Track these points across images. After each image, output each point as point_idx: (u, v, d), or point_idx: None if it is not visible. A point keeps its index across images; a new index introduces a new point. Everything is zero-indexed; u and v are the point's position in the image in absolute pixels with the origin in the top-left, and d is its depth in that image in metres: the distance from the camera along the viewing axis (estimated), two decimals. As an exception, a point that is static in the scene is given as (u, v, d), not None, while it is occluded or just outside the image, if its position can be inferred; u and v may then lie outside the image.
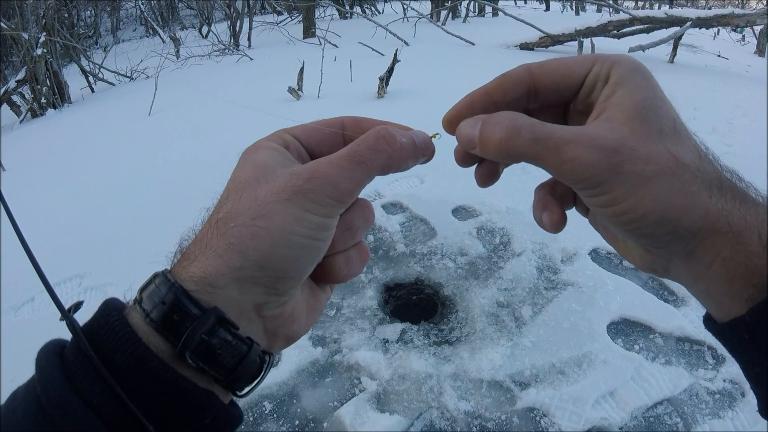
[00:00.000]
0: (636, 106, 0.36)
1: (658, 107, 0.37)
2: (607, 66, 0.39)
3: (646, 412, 1.91)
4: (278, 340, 0.39)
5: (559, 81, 0.41)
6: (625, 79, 0.38)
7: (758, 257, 0.33)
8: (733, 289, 0.35)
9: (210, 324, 0.33)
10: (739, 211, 0.35)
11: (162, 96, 5.74)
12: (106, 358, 0.32)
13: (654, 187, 0.34)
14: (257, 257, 0.34)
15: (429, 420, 1.90)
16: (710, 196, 0.35)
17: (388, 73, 5.35)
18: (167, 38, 11.40)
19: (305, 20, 11.01)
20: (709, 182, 0.35)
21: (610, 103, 0.37)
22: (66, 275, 2.67)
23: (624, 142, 0.35)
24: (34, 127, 5.97)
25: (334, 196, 0.36)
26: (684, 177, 0.35)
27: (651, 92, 0.38)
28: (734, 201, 0.35)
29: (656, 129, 0.36)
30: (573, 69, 0.40)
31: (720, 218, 0.34)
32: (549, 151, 0.36)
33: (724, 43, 10.89)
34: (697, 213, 0.34)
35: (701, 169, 0.35)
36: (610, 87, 0.38)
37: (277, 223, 0.35)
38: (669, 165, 0.35)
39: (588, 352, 2.12)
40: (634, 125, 0.36)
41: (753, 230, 0.34)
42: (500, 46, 8.29)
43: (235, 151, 0.47)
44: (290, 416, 1.93)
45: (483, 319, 2.32)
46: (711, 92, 5.71)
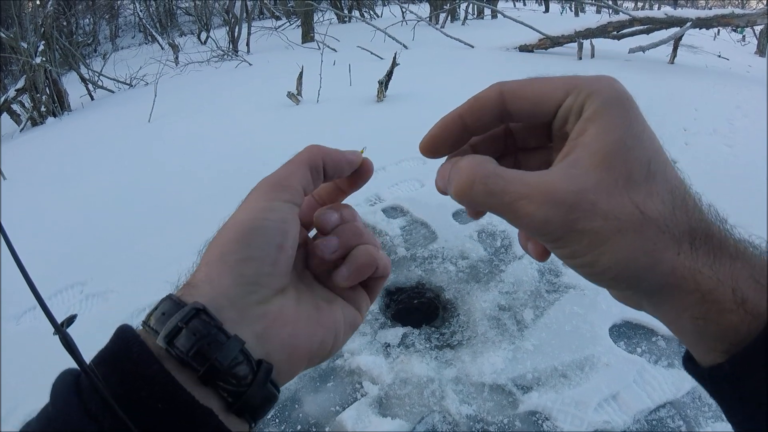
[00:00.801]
0: (604, 149, 0.34)
1: (631, 148, 0.34)
2: (582, 97, 0.36)
3: (648, 415, 1.90)
4: (274, 347, 0.37)
5: (531, 109, 0.38)
6: (599, 115, 0.35)
7: (733, 314, 0.32)
8: (704, 344, 0.34)
9: (185, 312, 0.33)
10: (711, 268, 0.32)
11: (161, 102, 5.75)
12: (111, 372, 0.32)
13: (613, 246, 0.32)
14: (218, 247, 0.37)
15: (431, 424, 1.90)
16: (678, 252, 0.33)
17: (388, 77, 5.35)
18: (166, 45, 11.41)
19: (304, 25, 11.03)
20: (679, 236, 0.33)
21: (580, 142, 0.35)
22: (67, 283, 2.67)
23: (583, 196, 0.32)
24: (35, 135, 5.98)
25: (272, 182, 0.40)
26: (648, 234, 0.32)
27: (626, 130, 0.34)
28: (707, 256, 0.33)
29: (624, 176, 0.33)
30: (546, 98, 0.37)
31: (686, 276, 0.32)
32: (504, 207, 0.34)
33: (725, 43, 10.90)
34: (661, 271, 0.33)
35: (672, 222, 0.33)
36: (582, 123, 0.35)
37: (232, 219, 0.39)
38: (632, 220, 0.32)
39: (590, 355, 2.12)
40: (599, 173, 0.33)
41: (725, 287, 0.32)
42: (500, 48, 8.30)
43: (233, 158, 0.47)
44: (292, 421, 1.93)
45: (484, 323, 2.31)
46: (711, 93, 5.70)
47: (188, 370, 0.33)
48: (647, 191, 0.33)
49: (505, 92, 0.38)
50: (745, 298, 0.32)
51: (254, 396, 0.34)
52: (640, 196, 0.33)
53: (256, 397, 0.34)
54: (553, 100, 0.37)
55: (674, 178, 0.35)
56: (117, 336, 0.34)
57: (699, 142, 4.21)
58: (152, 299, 2.63)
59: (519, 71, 6.60)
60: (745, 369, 0.31)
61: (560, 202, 0.33)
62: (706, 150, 4.05)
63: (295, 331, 0.38)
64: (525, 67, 6.92)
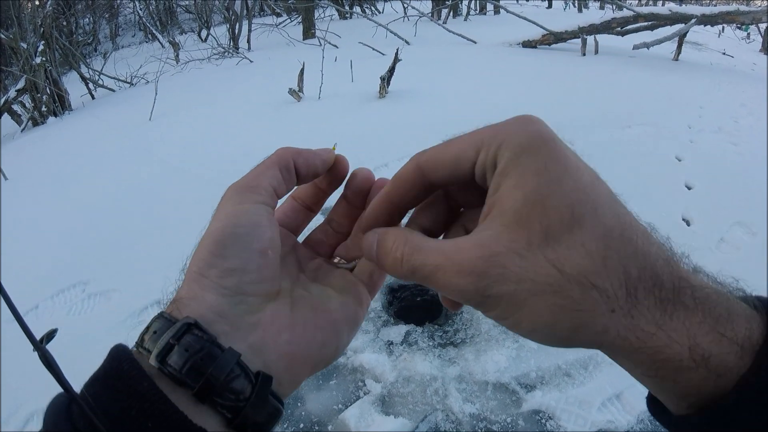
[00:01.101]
0: (515, 206, 0.31)
1: (547, 197, 0.30)
2: (492, 151, 0.33)
3: (652, 414, 1.89)
4: (272, 357, 0.36)
5: (449, 175, 0.36)
6: (511, 167, 0.32)
7: (692, 372, 0.28)
8: (665, 398, 0.31)
9: (176, 329, 0.32)
10: (658, 325, 0.29)
11: (162, 101, 5.74)
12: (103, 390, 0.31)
13: (532, 309, 0.30)
14: (196, 262, 0.36)
15: (434, 422, 1.89)
16: (613, 309, 0.29)
17: (390, 73, 5.34)
18: (166, 43, 11.41)
19: (305, 21, 11.02)
20: (612, 292, 0.29)
21: (495, 200, 0.32)
22: (69, 282, 2.67)
23: (493, 261, 0.30)
24: (36, 135, 5.99)
25: (241, 186, 0.39)
26: (569, 293, 0.29)
27: (540, 178, 0.31)
28: (654, 310, 0.29)
29: (540, 233, 0.30)
30: (460, 160, 0.35)
31: (625, 335, 0.29)
32: (425, 280, 0.33)
33: (729, 40, 10.86)
34: (594, 330, 0.29)
35: (601, 277, 0.29)
36: (497, 178, 0.32)
37: (206, 232, 0.38)
38: (549, 281, 0.29)
39: (594, 353, 2.09)
40: (511, 233, 0.31)
41: (680, 345, 0.28)
42: (502, 44, 8.28)
43: (234, 155, 0.46)
44: (295, 419, 1.92)
45: (488, 321, 2.30)
46: (716, 91, 5.68)
47: (183, 388, 0.31)
48: (568, 244, 0.30)
49: (422, 164, 0.37)
50: (707, 354, 0.28)
51: (255, 410, 0.33)
52: (559, 252, 0.30)
53: (257, 411, 0.33)
54: (466, 161, 0.34)
55: (610, 217, 0.30)
56: (110, 355, 0.32)
57: (703, 139, 4.19)
58: (154, 298, 2.65)
59: (522, 67, 6.60)
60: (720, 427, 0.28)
61: (470, 271, 0.31)
62: (710, 148, 4.03)
63: (292, 337, 0.37)
64: (528, 63, 6.91)
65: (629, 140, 4.10)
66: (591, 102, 4.93)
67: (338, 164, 0.46)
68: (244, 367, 0.33)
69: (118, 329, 2.30)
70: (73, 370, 0.40)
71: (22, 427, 1.89)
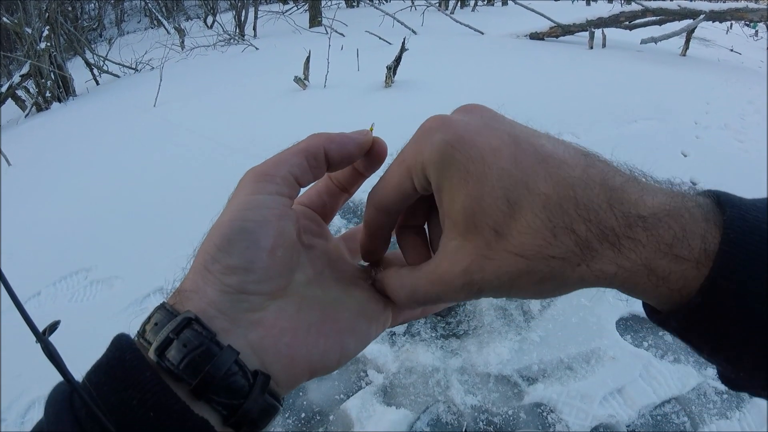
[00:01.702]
0: (460, 218, 0.33)
1: (480, 199, 0.32)
2: (420, 176, 0.35)
3: (653, 410, 1.89)
4: (270, 358, 0.35)
5: (405, 203, 0.39)
6: (440, 183, 0.34)
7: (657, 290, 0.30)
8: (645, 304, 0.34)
9: (176, 323, 0.32)
10: (617, 263, 0.30)
11: (167, 87, 5.73)
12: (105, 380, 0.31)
13: (518, 288, 0.33)
14: (202, 255, 0.35)
15: (435, 414, 1.90)
16: (578, 264, 0.31)
17: (396, 62, 5.31)
18: (172, 29, 11.36)
19: (311, 9, 10.96)
20: (570, 255, 0.31)
21: (444, 215, 0.35)
22: (72, 269, 2.67)
23: (470, 270, 0.33)
24: (40, 121, 5.98)
25: (257, 173, 0.38)
26: (539, 269, 0.31)
27: (467, 186, 0.32)
28: (610, 251, 0.30)
29: (491, 231, 0.32)
30: (404, 192, 0.37)
31: (595, 278, 0.31)
32: (429, 301, 0.38)
33: (737, 37, 10.78)
34: (571, 284, 0.32)
35: (554, 247, 0.31)
36: (436, 195, 0.35)
37: (217, 221, 0.36)
38: (519, 268, 0.31)
39: (596, 348, 2.11)
40: (471, 240, 0.33)
41: (640, 273, 0.30)
42: (510, 35, 8.23)
43: (239, 142, 0.45)
44: (296, 409, 1.93)
45: (491, 313, 2.30)
46: (723, 87, 5.65)
47: (181, 383, 0.31)
48: (518, 231, 0.31)
49: (378, 206, 0.40)
50: (666, 273, 0.30)
51: (251, 409, 0.32)
52: (515, 241, 0.31)
53: (254, 409, 0.32)
54: (409, 190, 0.37)
55: (543, 184, 0.31)
56: (113, 344, 0.32)
57: (710, 135, 4.17)
58: (157, 286, 2.66)
59: (528, 59, 6.56)
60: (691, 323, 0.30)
61: (461, 286, 0.34)
62: (716, 144, 4.01)
63: (293, 341, 0.36)
64: (534, 55, 6.87)
65: (635, 135, 4.07)
66: (597, 96, 4.90)
67: (376, 147, 0.44)
68: (242, 365, 0.33)
69: (120, 316, 2.30)
70: (75, 357, 0.39)
71: (24, 414, 1.89)
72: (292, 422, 1.88)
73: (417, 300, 0.38)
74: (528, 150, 0.32)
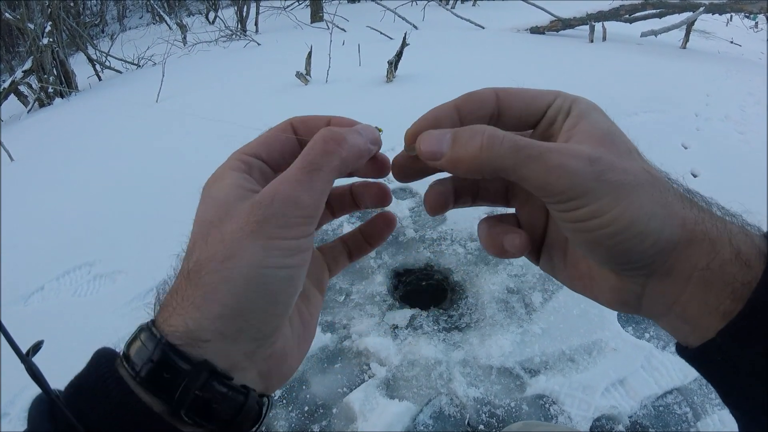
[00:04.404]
0: (600, 133, 0.37)
1: (618, 136, 0.38)
2: (569, 101, 0.40)
3: (655, 401, 1.90)
4: (273, 380, 0.38)
5: (524, 108, 0.41)
6: (587, 113, 0.39)
7: (731, 265, 0.33)
8: (710, 302, 0.34)
9: (203, 379, 0.32)
10: (710, 220, 0.35)
11: (169, 83, 5.72)
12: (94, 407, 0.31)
13: (637, 197, 0.34)
14: (234, 302, 0.33)
15: (438, 406, 1.90)
16: (683, 207, 0.35)
17: (397, 57, 5.29)
18: (174, 25, 11.34)
19: (313, 4, 10.92)
20: (680, 194, 0.36)
21: (577, 131, 0.38)
22: (75, 264, 2.68)
23: (603, 155, 0.35)
24: (42, 116, 5.98)
25: (299, 213, 0.34)
26: (660, 188, 0.35)
27: (612, 125, 0.39)
28: (703, 213, 0.36)
29: (625, 150, 0.37)
30: (537, 99, 0.41)
31: (696, 226, 0.35)
32: (531, 159, 0.34)
33: (737, 29, 10.72)
34: (677, 222, 0.34)
35: (671, 182, 0.37)
36: (573, 119, 0.39)
37: (246, 261, 0.33)
38: (646, 177, 0.35)
39: (598, 339, 2.11)
40: (606, 146, 0.36)
41: (723, 237, 0.34)
42: (510, 29, 8.20)
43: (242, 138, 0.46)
44: (299, 402, 1.94)
45: (493, 306, 2.31)
46: (724, 79, 5.63)
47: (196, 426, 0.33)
48: (642, 161, 0.38)
49: (500, 92, 0.41)
50: (739, 249, 0.34)
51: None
52: (642, 162, 0.37)
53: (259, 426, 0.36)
54: (545, 101, 0.41)
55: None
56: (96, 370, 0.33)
57: (710, 127, 4.16)
58: (161, 280, 2.62)
59: (529, 53, 6.55)
60: (738, 340, 0.33)
61: (587, 156, 0.35)
62: (717, 136, 4.00)
63: (292, 363, 0.39)
64: (535, 49, 6.85)
65: (636, 127, 4.06)
66: (597, 89, 4.88)
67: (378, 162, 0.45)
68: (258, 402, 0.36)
69: (124, 311, 2.31)
70: (78, 352, 0.40)
71: (26, 409, 1.90)
72: (295, 415, 1.89)
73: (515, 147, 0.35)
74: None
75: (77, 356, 0.32)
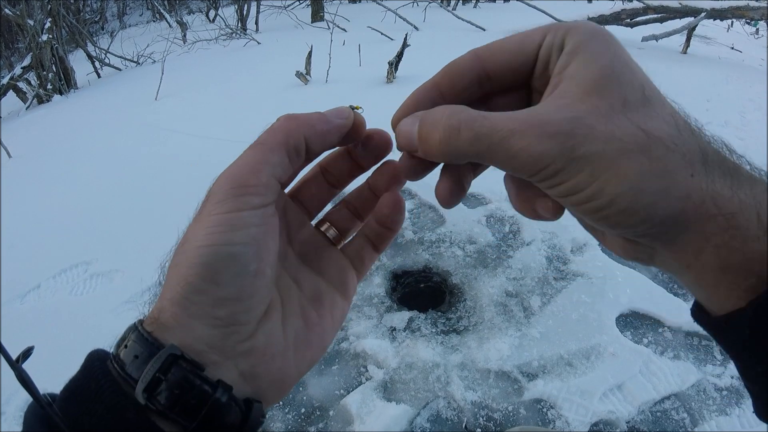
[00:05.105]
0: (594, 76, 0.31)
1: (621, 74, 0.31)
2: (561, 34, 0.34)
3: (653, 406, 1.89)
4: (263, 384, 0.34)
5: (510, 60, 0.36)
6: (582, 47, 0.32)
7: (758, 242, 0.29)
8: (729, 280, 0.30)
9: (162, 360, 0.30)
10: (731, 190, 0.30)
11: (168, 81, 5.72)
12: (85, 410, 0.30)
13: (620, 169, 0.29)
14: (180, 284, 0.31)
15: (435, 409, 1.90)
16: (692, 174, 0.30)
17: (398, 58, 5.29)
18: (174, 23, 11.34)
19: (314, 4, 10.93)
20: (690, 157, 0.30)
21: (566, 75, 0.32)
22: (72, 262, 2.67)
23: (578, 122, 0.30)
24: (41, 113, 5.96)
25: (235, 184, 0.33)
26: (656, 153, 0.29)
27: (612, 58, 0.32)
28: (724, 178, 0.30)
29: (620, 100, 0.30)
30: (523, 44, 0.35)
31: (705, 200, 0.30)
32: (493, 147, 0.31)
33: (738, 35, 10.73)
34: (676, 195, 0.29)
35: (679, 143, 0.30)
36: (565, 57, 0.33)
37: (191, 242, 0.32)
38: (637, 141, 0.29)
39: (596, 344, 2.11)
40: (592, 99, 0.31)
41: (750, 211, 0.29)
42: (511, 32, 7.95)
43: (241, 137, 0.45)
44: (296, 404, 1.93)
45: (491, 309, 2.30)
46: (724, 85, 5.62)
47: (173, 422, 0.30)
48: (646, 113, 0.31)
49: (480, 52, 0.37)
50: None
51: None
52: (641, 116, 0.30)
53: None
54: (533, 42, 0.35)
55: (670, 104, 0.33)
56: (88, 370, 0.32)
57: (710, 132, 4.15)
58: (157, 279, 2.62)
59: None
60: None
61: (555, 132, 0.30)
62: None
63: (284, 364, 0.35)
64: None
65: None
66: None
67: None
68: (235, 399, 0.32)
69: (121, 310, 2.30)
70: (75, 350, 0.39)
71: (23, 408, 1.89)
72: (291, 417, 1.88)
73: (474, 136, 0.32)
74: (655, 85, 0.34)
75: (73, 355, 0.31)
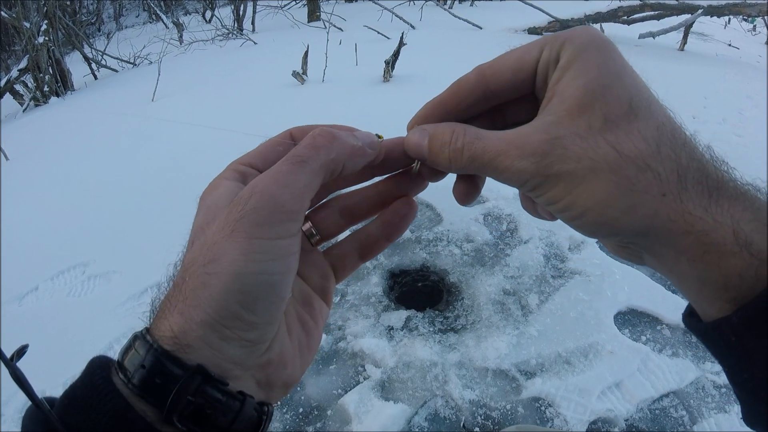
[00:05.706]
0: (578, 93, 0.33)
1: (606, 87, 0.33)
2: (556, 47, 0.35)
3: (652, 404, 1.89)
4: (275, 389, 0.36)
5: (512, 78, 0.38)
6: (574, 60, 0.34)
7: (735, 258, 0.30)
8: (709, 291, 0.31)
9: (196, 383, 0.30)
10: (705, 209, 0.31)
11: (165, 82, 5.71)
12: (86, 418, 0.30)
13: (589, 186, 0.32)
14: (214, 308, 0.31)
15: (433, 408, 1.89)
16: (663, 192, 0.31)
17: (394, 57, 5.29)
18: (170, 24, 11.32)
19: (310, 3, 10.91)
20: (665, 175, 0.31)
21: (556, 91, 0.35)
22: (70, 263, 2.67)
23: (555, 143, 0.33)
24: (38, 115, 5.95)
25: (277, 209, 0.32)
26: (625, 172, 0.31)
27: (601, 70, 0.34)
28: (701, 196, 0.31)
29: (599, 118, 0.33)
30: (523, 61, 0.37)
31: (674, 218, 0.31)
32: (487, 165, 0.35)
33: (735, 32, 10.74)
34: (643, 212, 0.31)
35: (655, 160, 0.32)
36: (558, 71, 0.35)
37: (225, 264, 0.31)
38: (607, 160, 0.32)
39: (594, 342, 2.11)
40: (573, 119, 0.33)
41: (725, 229, 0.30)
42: (508, 30, 8.20)
43: (238, 137, 0.45)
44: (294, 404, 1.93)
45: (489, 307, 2.30)
46: (721, 82, 5.63)
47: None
48: (626, 130, 0.32)
49: (484, 70, 0.39)
50: (750, 240, 0.30)
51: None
52: (618, 135, 0.32)
53: None
54: (530, 60, 0.37)
55: (661, 114, 0.34)
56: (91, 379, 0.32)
57: (708, 130, 4.15)
58: (155, 280, 2.65)
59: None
60: (756, 320, 0.29)
61: (532, 153, 0.33)
62: (714, 139, 3.99)
63: (293, 370, 0.38)
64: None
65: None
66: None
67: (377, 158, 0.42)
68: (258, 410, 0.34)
69: (118, 311, 2.30)
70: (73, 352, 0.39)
71: (22, 409, 1.89)
72: (289, 417, 1.88)
73: (471, 157, 0.36)
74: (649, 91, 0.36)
75: (71, 356, 0.31)
